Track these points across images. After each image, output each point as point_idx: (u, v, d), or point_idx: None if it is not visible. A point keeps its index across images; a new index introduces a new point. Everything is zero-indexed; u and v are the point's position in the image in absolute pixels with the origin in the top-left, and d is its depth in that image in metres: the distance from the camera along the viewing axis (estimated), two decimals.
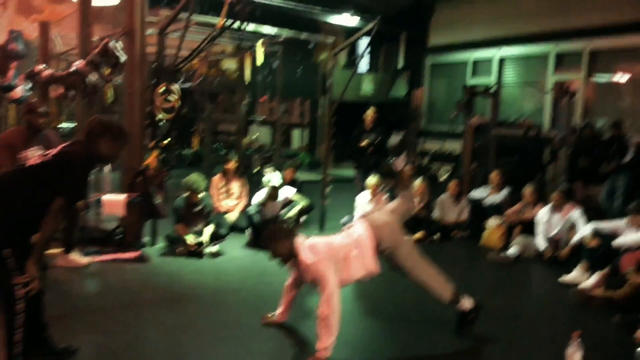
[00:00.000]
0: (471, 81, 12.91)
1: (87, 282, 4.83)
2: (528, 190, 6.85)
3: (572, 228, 6.04)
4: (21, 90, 6.09)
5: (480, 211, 7.35)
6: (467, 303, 3.88)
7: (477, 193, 7.66)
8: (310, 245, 3.56)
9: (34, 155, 2.97)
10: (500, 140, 9.56)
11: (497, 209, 7.15)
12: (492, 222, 6.90)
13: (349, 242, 3.63)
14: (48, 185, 2.83)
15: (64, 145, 3.07)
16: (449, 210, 7.41)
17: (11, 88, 6.05)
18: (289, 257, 3.56)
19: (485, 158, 8.94)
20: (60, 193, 2.81)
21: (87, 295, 4.56)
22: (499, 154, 9.58)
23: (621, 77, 9.98)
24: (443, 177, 11.02)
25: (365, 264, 3.64)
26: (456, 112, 9.63)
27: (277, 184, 6.50)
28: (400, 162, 4.80)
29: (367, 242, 3.64)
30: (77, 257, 5.05)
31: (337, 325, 3.34)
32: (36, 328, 3.10)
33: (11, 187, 2.84)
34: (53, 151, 2.98)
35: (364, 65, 16.64)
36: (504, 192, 7.36)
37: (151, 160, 5.90)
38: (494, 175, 7.50)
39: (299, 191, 7.53)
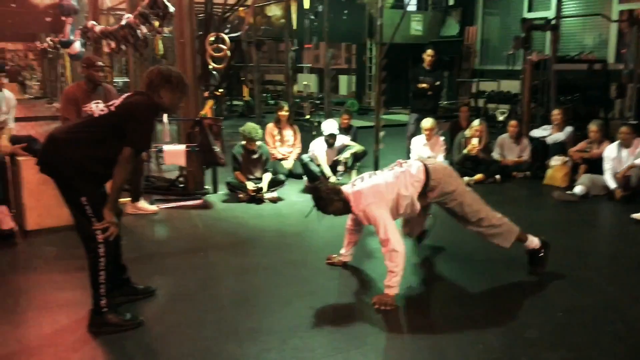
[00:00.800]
0: (528, 15, 12.23)
1: (156, 228, 5.01)
2: (593, 127, 6.54)
3: None
4: (79, 45, 6.19)
5: (543, 150, 7.11)
6: (534, 241, 3.79)
7: (538, 132, 7.39)
8: (356, 192, 3.53)
9: (96, 107, 2.99)
10: (561, 77, 9.11)
11: (561, 148, 6.90)
12: (556, 161, 6.67)
13: (397, 181, 3.56)
14: (116, 135, 2.87)
15: (126, 95, 3.09)
16: (510, 150, 7.20)
17: (69, 43, 6.15)
18: (343, 212, 3.61)
19: (545, 96, 8.56)
20: (127, 142, 2.86)
21: (158, 240, 4.74)
22: (560, 91, 9.16)
23: None
24: (501, 118, 10.65)
25: (414, 202, 3.60)
26: (513, 48, 9.18)
27: (333, 132, 6.45)
28: None
29: (419, 183, 3.58)
30: (145, 205, 5.23)
31: (403, 263, 3.33)
32: (117, 270, 3.25)
33: (82, 137, 2.90)
34: (116, 102, 3.01)
35: (412, 4, 16.01)
36: (567, 130, 7.07)
37: (207, 109, 5.95)
38: (556, 113, 7.20)
39: (354, 137, 7.47)
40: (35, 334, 2.97)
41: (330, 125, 6.53)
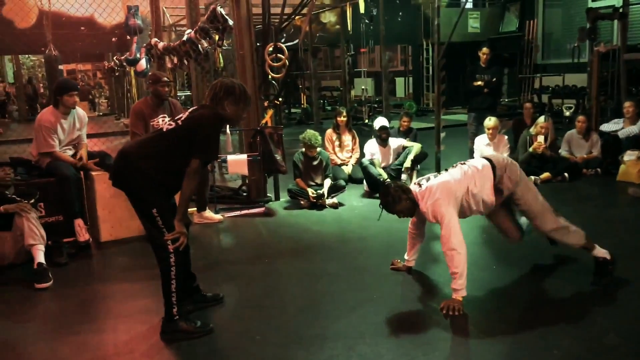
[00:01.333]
0: (593, 5, 11.70)
1: (222, 237, 5.14)
2: None
3: None
4: (144, 62, 6.46)
5: (614, 145, 6.76)
6: (602, 251, 3.58)
7: (609, 126, 7.05)
8: (425, 190, 3.47)
9: (163, 122, 3.10)
10: (632, 67, 8.64)
11: (634, 142, 6.54)
12: (629, 156, 6.32)
13: (465, 178, 3.48)
14: (183, 148, 2.97)
15: (192, 109, 3.19)
16: (578, 146, 6.90)
17: (136, 61, 6.43)
18: (410, 211, 3.58)
19: (614, 88, 8.15)
20: (195, 154, 2.95)
21: (224, 248, 4.86)
22: (631, 83, 8.69)
23: None
24: (567, 113, 10.23)
25: (485, 198, 3.50)
26: (579, 40, 8.81)
27: (384, 124, 6.46)
28: None
29: (487, 178, 3.49)
30: (211, 214, 5.38)
31: (464, 264, 3.24)
32: (187, 279, 3.35)
33: (151, 151, 3.01)
34: (183, 116, 3.11)
35: (469, 1, 15.67)
36: None
37: (267, 118, 6.06)
38: (628, 106, 6.84)
39: (414, 140, 7.39)
40: (111, 342, 3.11)
41: (380, 120, 6.61)
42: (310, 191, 5.74)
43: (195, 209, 5.36)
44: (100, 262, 4.56)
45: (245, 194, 6.04)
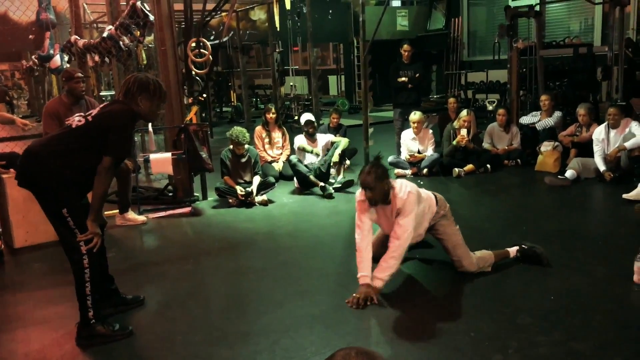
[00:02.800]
0: (512, 4, 12.25)
1: (146, 238, 4.97)
2: (582, 111, 6.55)
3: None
4: (59, 59, 6.16)
5: (533, 137, 7.10)
6: (514, 249, 3.76)
7: (527, 119, 7.38)
8: (402, 182, 3.46)
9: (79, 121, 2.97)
10: (548, 63, 9.10)
11: (551, 133, 6.89)
12: (546, 147, 6.65)
13: (427, 199, 3.56)
14: (94, 145, 2.85)
15: (104, 105, 3.08)
16: (499, 139, 7.19)
17: (50, 58, 6.12)
18: (383, 199, 3.37)
19: (533, 83, 8.55)
20: (106, 151, 2.83)
21: (147, 250, 4.71)
22: (548, 77, 9.15)
23: None
24: (490, 107, 10.65)
25: (424, 226, 3.59)
26: (498, 37, 9.17)
27: (310, 118, 6.54)
28: None
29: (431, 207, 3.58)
30: (134, 216, 5.19)
31: (399, 263, 3.31)
32: (104, 281, 3.22)
33: (59, 149, 2.87)
34: (94, 112, 2.99)
35: None
36: (557, 115, 7.07)
37: (192, 115, 5.93)
38: (545, 99, 7.19)
39: (343, 136, 7.46)
40: (22, 351, 2.94)
41: (305, 115, 6.68)
42: (238, 189, 5.66)
43: (118, 210, 5.16)
44: (13, 270, 4.30)
45: (171, 194, 5.88)
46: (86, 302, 2.91)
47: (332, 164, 6.30)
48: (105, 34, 6.02)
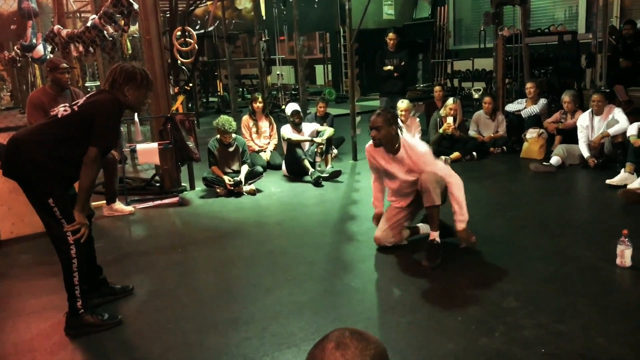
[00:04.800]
0: None
1: (133, 229, 4.96)
2: (566, 98, 6.60)
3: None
4: (42, 48, 6.08)
5: (518, 124, 7.16)
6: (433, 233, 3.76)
7: (513, 106, 7.43)
8: (414, 138, 3.83)
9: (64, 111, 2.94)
10: (533, 51, 9.16)
11: (536, 120, 6.95)
12: (531, 134, 6.71)
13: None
14: (80, 135, 2.83)
15: (90, 94, 3.05)
16: (485, 126, 7.23)
17: (32, 47, 6.04)
18: (393, 142, 3.64)
19: (519, 71, 8.60)
20: (92, 141, 2.81)
21: (135, 240, 4.69)
22: (533, 65, 9.20)
23: None
24: (476, 96, 10.70)
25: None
26: (484, 24, 9.20)
27: (296, 108, 6.54)
28: None
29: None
30: (121, 207, 5.17)
31: (464, 198, 3.60)
32: (92, 272, 3.21)
33: (45, 138, 2.84)
34: (80, 101, 2.96)
35: None
36: (542, 102, 7.12)
37: (178, 105, 5.89)
38: (530, 87, 7.23)
39: (330, 125, 7.46)
40: (11, 341, 2.92)
41: (291, 105, 6.68)
42: (226, 178, 5.65)
43: (105, 201, 5.13)
44: (0, 262, 4.26)
45: (158, 184, 5.86)
46: (74, 292, 2.91)
47: (317, 150, 6.31)
48: (89, 24, 5.95)
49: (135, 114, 5.19)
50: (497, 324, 2.77)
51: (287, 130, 6.43)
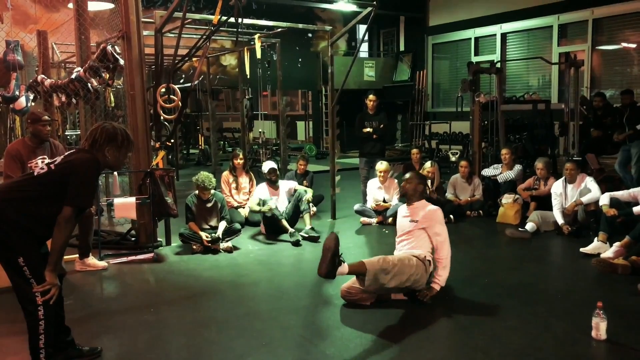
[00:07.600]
0: (475, 59, 12.80)
1: (106, 285, 4.83)
2: (540, 165, 6.78)
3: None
4: (24, 100, 6.08)
5: (494, 189, 7.30)
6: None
7: (489, 171, 7.60)
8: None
9: (42, 164, 2.92)
10: (508, 117, 9.47)
11: (512, 186, 7.09)
12: (507, 199, 6.83)
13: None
14: (54, 193, 2.80)
15: (68, 153, 3.03)
16: (462, 190, 7.35)
17: (14, 99, 6.04)
18: (415, 197, 4.30)
19: (495, 136, 8.85)
20: (67, 201, 2.78)
21: (107, 298, 4.56)
22: (509, 131, 9.50)
23: (627, 44, 9.83)
24: (453, 158, 10.93)
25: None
26: (461, 91, 9.52)
27: (272, 166, 6.59)
28: None
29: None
30: (94, 261, 5.05)
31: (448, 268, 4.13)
32: (60, 333, 3.09)
33: (18, 196, 2.81)
34: (57, 160, 2.94)
35: (364, 51, 16.54)
36: (517, 168, 7.30)
37: (158, 160, 5.89)
38: (505, 152, 7.43)
39: (310, 183, 7.51)
40: None
41: (268, 163, 6.76)
42: (203, 235, 5.59)
43: (77, 255, 5.02)
44: None
45: (133, 238, 5.77)
46: (39, 356, 2.80)
47: (302, 211, 6.32)
48: (73, 76, 5.99)
49: None
50: None
51: (256, 195, 6.45)
